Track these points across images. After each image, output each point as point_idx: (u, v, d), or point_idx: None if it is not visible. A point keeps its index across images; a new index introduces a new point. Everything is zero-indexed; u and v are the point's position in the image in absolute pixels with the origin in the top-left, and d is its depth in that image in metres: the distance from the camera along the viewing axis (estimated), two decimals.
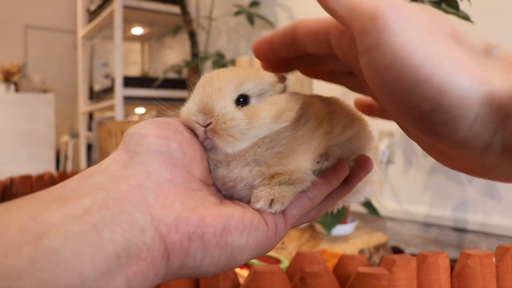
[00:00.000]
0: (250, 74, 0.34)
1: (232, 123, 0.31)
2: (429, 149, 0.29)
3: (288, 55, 0.33)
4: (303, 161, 0.32)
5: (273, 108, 0.33)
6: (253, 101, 0.33)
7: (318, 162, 0.34)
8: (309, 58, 0.33)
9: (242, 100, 0.33)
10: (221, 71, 0.34)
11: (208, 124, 0.32)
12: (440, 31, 0.23)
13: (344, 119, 0.37)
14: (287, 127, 0.33)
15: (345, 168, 0.36)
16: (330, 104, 0.38)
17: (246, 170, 0.33)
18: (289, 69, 0.35)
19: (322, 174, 0.34)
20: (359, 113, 0.39)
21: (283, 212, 0.32)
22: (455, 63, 0.21)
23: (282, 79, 0.36)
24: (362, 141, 0.38)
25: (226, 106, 0.32)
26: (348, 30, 0.26)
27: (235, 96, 0.33)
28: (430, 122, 0.22)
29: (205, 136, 0.32)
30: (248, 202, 0.33)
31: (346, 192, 0.37)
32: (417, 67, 0.21)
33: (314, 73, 0.37)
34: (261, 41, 0.33)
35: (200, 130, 0.32)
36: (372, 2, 0.23)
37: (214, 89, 0.32)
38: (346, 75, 0.35)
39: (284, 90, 0.36)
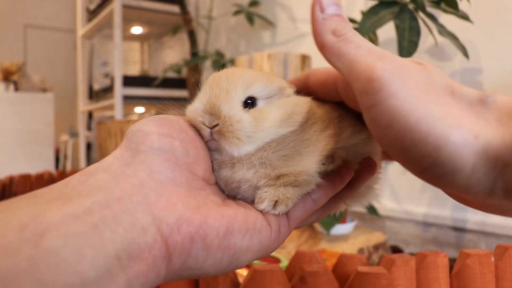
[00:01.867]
0: (260, 76, 0.33)
1: (239, 125, 0.31)
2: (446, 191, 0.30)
3: None
4: (309, 163, 0.32)
5: (280, 112, 0.32)
6: (260, 104, 0.33)
7: (323, 164, 0.33)
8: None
9: (250, 102, 0.32)
10: (230, 71, 0.33)
11: (215, 126, 0.31)
12: (435, 88, 0.24)
13: (354, 124, 0.36)
14: (294, 130, 0.32)
15: (350, 171, 0.35)
16: (342, 108, 0.38)
17: (250, 172, 0.32)
18: None
19: (327, 176, 0.34)
20: None
21: (286, 214, 0.32)
22: (450, 121, 0.23)
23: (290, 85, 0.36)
24: (369, 146, 0.38)
25: (233, 108, 0.31)
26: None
27: (243, 98, 0.32)
28: (431, 174, 0.24)
29: (211, 137, 0.32)
30: (251, 202, 0.32)
31: (350, 195, 0.37)
32: (414, 127, 0.23)
33: None
34: None
35: (206, 131, 0.32)
36: (369, 63, 0.25)
37: (222, 90, 0.32)
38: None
39: (291, 94, 0.35)
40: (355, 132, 0.36)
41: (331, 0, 0.28)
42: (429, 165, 0.23)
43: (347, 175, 0.35)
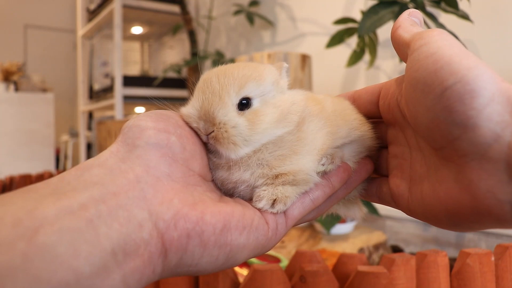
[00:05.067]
0: (251, 74, 0.32)
1: (235, 131, 0.31)
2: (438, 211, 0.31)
3: None
4: (307, 162, 0.32)
5: (276, 112, 0.32)
6: (255, 103, 0.32)
7: (323, 165, 0.33)
8: None
9: (245, 103, 0.32)
10: (220, 72, 0.33)
11: (211, 132, 0.31)
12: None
13: (351, 122, 0.36)
14: (290, 130, 0.32)
15: (348, 170, 0.35)
16: (339, 105, 0.37)
17: (247, 173, 0.32)
18: None
19: (325, 176, 0.34)
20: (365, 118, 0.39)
21: (284, 212, 0.32)
22: (484, 64, 0.27)
23: (283, 76, 0.35)
24: (366, 144, 0.38)
25: (227, 114, 0.31)
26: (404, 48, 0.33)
27: (237, 101, 0.32)
28: (451, 95, 0.26)
29: (208, 141, 0.32)
30: (249, 200, 0.32)
31: (346, 193, 0.37)
32: (453, 53, 0.27)
33: None
34: None
35: (202, 136, 0.32)
36: (426, 30, 0.32)
37: (215, 95, 0.31)
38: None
39: (286, 86, 0.35)
40: (352, 129, 0.36)
41: (420, 15, 0.36)
42: (455, 82, 0.26)
43: (345, 174, 0.35)
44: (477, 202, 0.27)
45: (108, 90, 2.57)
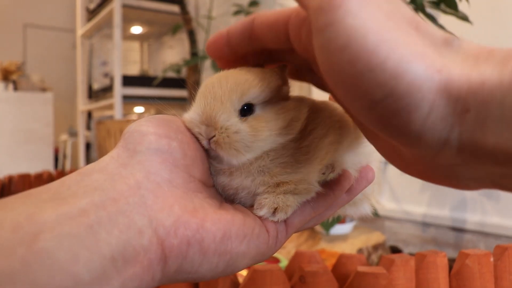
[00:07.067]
0: (254, 79, 0.32)
1: (237, 137, 0.30)
2: (383, 150, 0.28)
3: (245, 50, 0.32)
4: (309, 172, 0.32)
5: (279, 118, 0.32)
6: (257, 109, 0.32)
7: (323, 174, 0.33)
8: (267, 53, 0.33)
9: (247, 109, 0.31)
10: (222, 77, 0.32)
11: (212, 137, 0.31)
12: (399, 17, 0.22)
13: (355, 131, 0.36)
14: (292, 138, 0.32)
15: (350, 179, 0.35)
16: (342, 112, 0.37)
17: (248, 180, 0.32)
18: (246, 65, 0.35)
19: (326, 184, 0.34)
20: None
21: (285, 220, 0.32)
22: (412, 49, 0.20)
23: (285, 81, 0.35)
24: (369, 153, 0.38)
25: (229, 119, 0.30)
26: (307, 16, 0.25)
27: (239, 106, 0.31)
28: (382, 110, 0.21)
29: (209, 147, 0.31)
30: (249, 207, 0.32)
31: (346, 201, 0.37)
32: (371, 50, 0.20)
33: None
34: (217, 37, 0.32)
35: (204, 142, 0.31)
36: None
37: (217, 100, 0.31)
38: (308, 72, 0.33)
39: (288, 92, 0.35)
40: (355, 138, 0.36)
41: None
42: (383, 97, 0.20)
43: (346, 183, 0.35)
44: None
45: (107, 90, 2.57)
